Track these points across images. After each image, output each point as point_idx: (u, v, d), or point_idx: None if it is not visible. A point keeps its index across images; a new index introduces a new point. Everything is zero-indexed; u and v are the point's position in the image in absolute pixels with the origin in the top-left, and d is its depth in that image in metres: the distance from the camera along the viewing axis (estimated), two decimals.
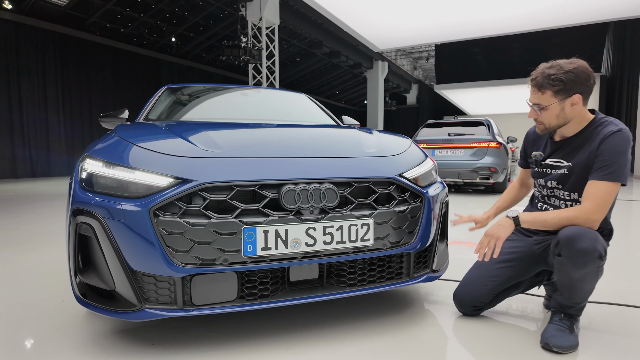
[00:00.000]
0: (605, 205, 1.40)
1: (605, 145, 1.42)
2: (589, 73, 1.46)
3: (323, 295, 1.44)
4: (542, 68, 1.50)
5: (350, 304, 1.84)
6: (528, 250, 1.65)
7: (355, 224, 1.42)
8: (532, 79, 1.52)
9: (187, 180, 1.31)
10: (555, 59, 1.50)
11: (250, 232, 1.30)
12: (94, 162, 1.45)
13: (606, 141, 1.43)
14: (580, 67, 1.46)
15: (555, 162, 1.59)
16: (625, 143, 1.41)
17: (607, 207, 1.41)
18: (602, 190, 1.40)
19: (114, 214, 1.30)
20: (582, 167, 1.49)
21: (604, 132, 1.45)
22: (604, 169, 1.41)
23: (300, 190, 1.36)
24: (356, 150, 1.66)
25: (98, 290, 1.38)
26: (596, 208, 1.39)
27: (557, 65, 1.46)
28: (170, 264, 1.27)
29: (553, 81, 1.45)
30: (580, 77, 1.44)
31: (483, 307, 1.69)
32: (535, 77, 1.50)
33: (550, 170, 1.61)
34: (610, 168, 1.40)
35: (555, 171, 1.58)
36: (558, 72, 1.45)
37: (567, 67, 1.45)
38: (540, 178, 1.66)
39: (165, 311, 1.30)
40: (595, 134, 1.48)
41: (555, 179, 1.58)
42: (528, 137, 1.77)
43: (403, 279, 1.58)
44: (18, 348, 1.47)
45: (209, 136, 1.60)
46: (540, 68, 1.50)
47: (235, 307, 1.34)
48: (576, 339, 1.44)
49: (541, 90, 1.49)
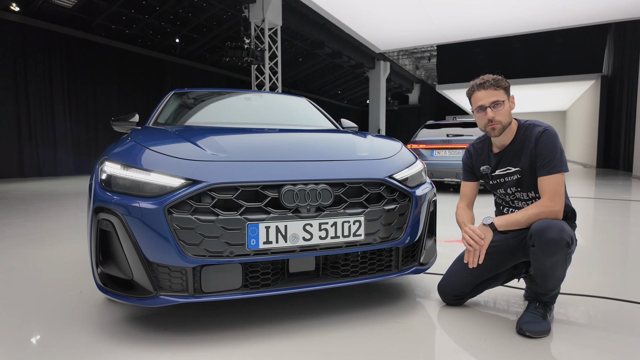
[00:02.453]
0: (559, 194, 1.61)
1: (541, 145, 1.65)
2: None
3: (319, 284, 1.60)
4: (483, 77, 1.74)
5: (346, 294, 2.00)
6: (505, 244, 1.81)
7: (348, 221, 1.57)
8: (481, 83, 1.72)
9: (197, 182, 1.47)
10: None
11: (254, 228, 1.46)
12: (112, 165, 1.61)
13: (539, 141, 1.65)
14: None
15: (504, 170, 1.78)
16: (554, 139, 1.65)
17: (562, 196, 1.61)
18: (552, 183, 1.61)
19: (132, 211, 1.46)
20: (529, 167, 1.70)
21: (535, 133, 1.68)
22: (547, 165, 1.63)
23: (299, 190, 1.52)
24: (350, 153, 1.82)
25: (117, 279, 1.54)
26: (553, 199, 1.60)
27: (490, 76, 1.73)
28: (183, 255, 1.43)
29: (501, 81, 1.71)
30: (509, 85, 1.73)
31: (464, 296, 1.85)
32: (487, 80, 1.72)
33: (504, 179, 1.79)
34: (552, 163, 1.62)
35: (509, 178, 1.77)
36: (497, 77, 1.71)
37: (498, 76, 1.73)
38: (499, 188, 1.83)
39: (178, 297, 1.46)
40: (528, 136, 1.71)
41: (512, 184, 1.76)
42: (469, 154, 1.94)
43: (392, 271, 1.74)
44: (41, 335, 1.64)
45: (216, 141, 1.76)
46: (481, 78, 1.74)
47: (240, 294, 1.50)
48: (548, 325, 1.59)
49: (497, 89, 1.71)
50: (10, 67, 10.44)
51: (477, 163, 1.89)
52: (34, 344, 1.54)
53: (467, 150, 1.95)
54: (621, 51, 14.60)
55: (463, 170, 1.97)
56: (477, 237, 1.63)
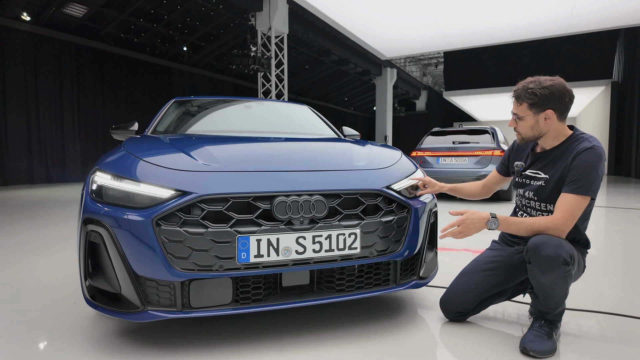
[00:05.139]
0: (573, 217, 1.49)
1: (578, 161, 1.51)
2: (564, 92, 1.55)
3: (313, 300, 1.54)
4: (525, 81, 1.61)
5: (343, 309, 1.94)
6: (509, 260, 1.73)
7: (343, 233, 1.51)
8: (514, 90, 1.63)
9: (186, 193, 1.43)
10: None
11: (244, 241, 1.41)
12: (103, 175, 1.58)
13: (579, 157, 1.51)
14: (557, 85, 1.55)
15: (534, 173, 1.68)
16: (595, 159, 1.50)
17: (575, 219, 1.50)
18: (572, 203, 1.49)
19: (120, 223, 1.42)
20: (557, 180, 1.57)
21: (578, 148, 1.54)
22: (575, 183, 1.50)
23: (291, 202, 1.47)
24: (346, 163, 1.77)
25: (105, 293, 1.50)
26: (565, 219, 1.49)
27: (537, 80, 1.57)
28: (171, 269, 1.38)
29: (529, 95, 1.57)
30: (554, 94, 1.54)
31: (467, 313, 1.77)
32: (517, 89, 1.62)
33: (529, 181, 1.70)
34: (580, 182, 1.49)
35: (533, 182, 1.67)
36: (535, 87, 1.56)
37: (544, 84, 1.55)
38: (520, 188, 1.75)
39: (166, 313, 1.41)
40: (570, 149, 1.57)
41: (532, 190, 1.67)
42: (513, 146, 1.87)
43: (390, 286, 1.67)
44: (32, 347, 1.60)
45: (209, 151, 1.72)
46: (524, 81, 1.62)
47: (230, 309, 1.45)
48: (554, 344, 1.51)
49: (519, 102, 1.61)
50: (21, 75, 10.61)
51: (514, 158, 1.82)
52: (22, 357, 1.50)
53: (512, 143, 1.87)
54: (632, 57, 14.40)
55: (500, 160, 1.93)
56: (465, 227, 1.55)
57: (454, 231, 1.57)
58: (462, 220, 1.56)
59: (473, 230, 1.56)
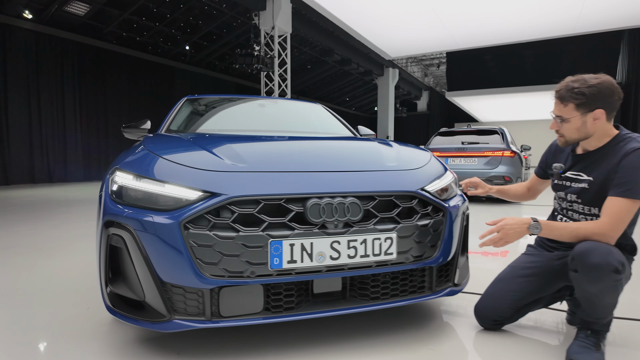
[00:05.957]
0: (622, 222, 1.40)
1: (626, 162, 1.42)
2: (613, 89, 1.46)
3: (347, 308, 1.45)
4: (567, 81, 1.51)
5: (370, 316, 1.85)
6: (548, 265, 1.65)
7: (378, 238, 1.43)
8: (556, 90, 1.53)
9: (215, 194, 1.34)
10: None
11: (277, 245, 1.33)
12: (124, 175, 1.50)
13: (627, 158, 1.42)
14: (605, 82, 1.46)
15: (576, 175, 1.59)
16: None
17: (624, 224, 1.41)
18: (620, 207, 1.40)
19: (145, 226, 1.34)
20: (602, 182, 1.48)
21: (626, 149, 1.45)
22: (623, 186, 1.41)
23: (325, 204, 1.39)
24: (378, 163, 1.68)
25: (128, 300, 1.42)
26: (613, 224, 1.40)
27: (582, 79, 1.47)
28: (200, 275, 1.30)
29: (576, 94, 1.47)
30: (603, 93, 1.45)
31: (504, 321, 1.69)
32: (559, 90, 1.52)
33: (570, 184, 1.61)
34: (629, 185, 1.40)
35: (575, 184, 1.58)
36: (581, 86, 1.46)
37: (591, 82, 1.46)
38: (560, 191, 1.66)
39: (193, 322, 1.33)
40: (617, 150, 1.48)
41: (575, 192, 1.58)
42: (550, 148, 1.78)
43: (425, 293, 1.59)
44: (46, 354, 1.51)
45: (235, 150, 1.64)
46: (565, 81, 1.52)
47: (261, 319, 1.37)
48: (602, 356, 1.43)
49: (563, 103, 1.51)
50: (23, 73, 10.51)
51: (552, 160, 1.73)
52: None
53: (550, 145, 1.78)
54: (635, 58, 14.36)
55: (538, 162, 1.86)
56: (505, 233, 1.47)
57: (493, 238, 1.48)
58: (502, 226, 1.48)
59: (514, 237, 1.47)
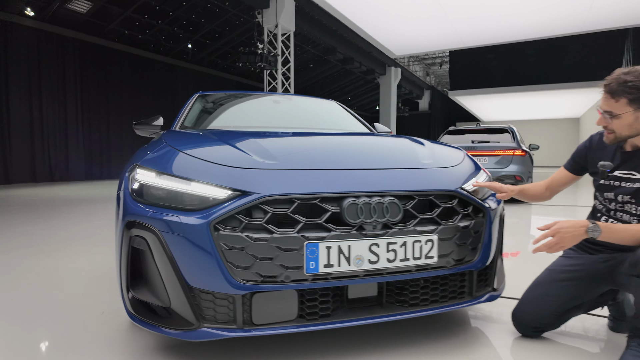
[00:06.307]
0: None
1: None
2: None
3: (385, 315, 1.36)
4: (617, 74, 1.41)
5: (401, 320, 1.76)
6: (592, 269, 1.55)
7: (419, 240, 1.34)
8: (605, 84, 1.43)
9: (246, 193, 1.25)
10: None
11: (313, 248, 1.24)
12: (146, 173, 1.40)
13: None
14: None
15: (626, 174, 1.49)
16: None
17: None
18: None
19: (171, 227, 1.25)
20: None
21: None
22: None
23: (363, 204, 1.29)
24: (414, 161, 1.59)
25: (151, 306, 1.32)
26: None
27: (635, 71, 1.38)
28: (231, 280, 1.21)
29: (629, 88, 1.37)
30: None
31: (545, 328, 1.60)
32: (609, 83, 1.42)
33: (620, 183, 1.51)
34: None
35: (627, 184, 1.48)
36: (635, 79, 1.36)
37: None
38: (609, 192, 1.56)
39: (224, 331, 1.24)
40: None
41: (628, 193, 1.48)
42: (591, 142, 1.65)
43: (465, 299, 1.49)
44: None
45: (261, 145, 1.54)
46: (615, 73, 1.42)
47: (295, 327, 1.27)
48: None
49: (614, 98, 1.41)
50: (24, 71, 10.41)
51: (596, 156, 1.59)
52: None
53: (589, 139, 1.66)
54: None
55: (571, 156, 1.71)
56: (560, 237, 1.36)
57: (548, 243, 1.38)
58: (557, 229, 1.38)
59: (570, 241, 1.37)
